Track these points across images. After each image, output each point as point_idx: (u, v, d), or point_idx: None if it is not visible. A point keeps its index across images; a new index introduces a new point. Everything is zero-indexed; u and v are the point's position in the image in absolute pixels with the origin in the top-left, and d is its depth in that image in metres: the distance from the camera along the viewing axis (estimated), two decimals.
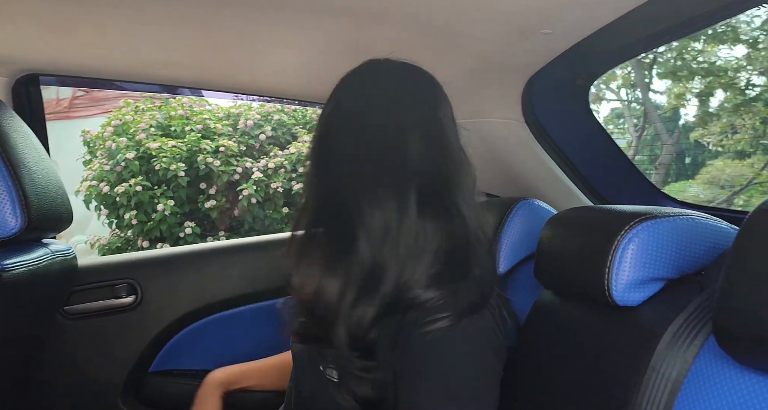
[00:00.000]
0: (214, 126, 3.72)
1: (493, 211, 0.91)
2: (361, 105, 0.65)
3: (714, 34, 4.31)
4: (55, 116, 4.91)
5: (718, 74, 4.52)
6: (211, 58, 1.00)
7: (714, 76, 4.60)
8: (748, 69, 4.51)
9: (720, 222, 0.57)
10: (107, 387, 1.13)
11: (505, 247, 0.86)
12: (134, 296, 1.16)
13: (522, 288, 0.81)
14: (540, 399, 0.63)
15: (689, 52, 4.70)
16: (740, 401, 0.39)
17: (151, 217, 3.40)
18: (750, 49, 4.35)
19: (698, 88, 4.85)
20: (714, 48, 4.55)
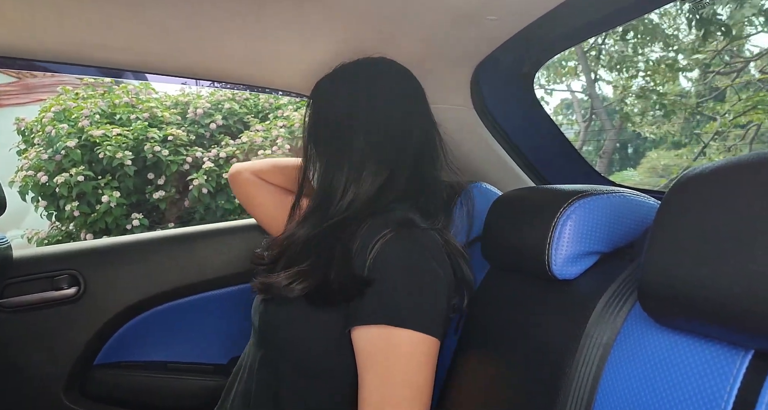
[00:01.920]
0: (161, 114, 3.59)
1: None
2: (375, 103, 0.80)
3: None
4: None
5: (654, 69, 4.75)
6: (152, 40, 0.96)
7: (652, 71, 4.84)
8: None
9: (648, 199, 0.60)
10: (49, 383, 1.09)
11: (455, 230, 0.88)
12: (76, 287, 1.11)
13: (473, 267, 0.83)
14: (488, 366, 0.66)
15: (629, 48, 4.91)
16: (661, 358, 0.43)
17: (95, 209, 3.25)
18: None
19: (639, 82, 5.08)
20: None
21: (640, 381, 0.44)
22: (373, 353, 0.62)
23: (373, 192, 0.74)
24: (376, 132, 0.77)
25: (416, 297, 0.63)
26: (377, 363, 0.61)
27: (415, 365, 0.61)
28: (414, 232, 0.68)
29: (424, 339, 0.62)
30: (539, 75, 6.08)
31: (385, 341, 0.61)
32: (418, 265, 0.65)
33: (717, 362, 0.39)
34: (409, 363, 0.61)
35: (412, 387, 0.61)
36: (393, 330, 0.61)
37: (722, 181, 0.39)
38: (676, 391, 0.40)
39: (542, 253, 0.60)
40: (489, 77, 1.07)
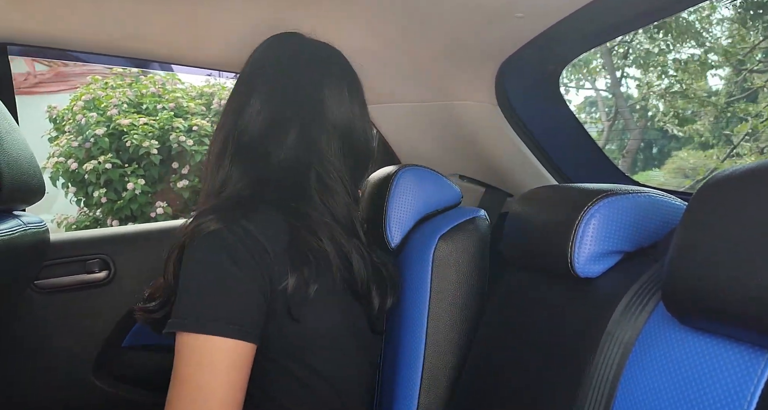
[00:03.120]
0: (186, 105, 3.65)
1: (376, 184, 0.91)
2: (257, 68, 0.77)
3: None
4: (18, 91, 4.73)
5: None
6: (180, 31, 0.99)
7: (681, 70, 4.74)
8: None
9: (674, 200, 0.60)
10: (80, 362, 1.13)
11: (395, 218, 0.87)
12: (107, 271, 1.15)
13: (417, 253, 0.84)
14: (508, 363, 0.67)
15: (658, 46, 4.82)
16: (684, 357, 0.43)
17: (121, 196, 3.33)
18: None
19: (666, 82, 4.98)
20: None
21: (661, 380, 0.44)
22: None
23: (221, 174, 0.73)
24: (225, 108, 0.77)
25: (190, 296, 0.61)
26: (172, 370, 0.61)
27: (192, 367, 0.58)
28: (227, 226, 0.63)
29: (196, 339, 0.58)
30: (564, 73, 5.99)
31: (175, 347, 0.61)
32: (224, 261, 0.61)
33: (741, 363, 0.39)
34: (188, 364, 0.59)
35: (190, 385, 0.58)
36: (176, 335, 0.60)
37: (752, 183, 0.39)
38: (698, 391, 0.41)
39: (565, 251, 0.60)
40: (514, 74, 1.07)
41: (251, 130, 0.73)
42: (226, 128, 0.74)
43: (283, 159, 0.72)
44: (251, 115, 0.73)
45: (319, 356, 0.69)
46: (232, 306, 0.60)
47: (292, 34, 0.81)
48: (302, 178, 0.72)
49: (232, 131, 0.73)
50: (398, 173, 0.87)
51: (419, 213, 0.88)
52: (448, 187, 0.93)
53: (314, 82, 0.76)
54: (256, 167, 0.72)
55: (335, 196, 0.73)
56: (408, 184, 0.87)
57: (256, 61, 0.78)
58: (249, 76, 0.77)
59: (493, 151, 1.18)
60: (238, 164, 0.72)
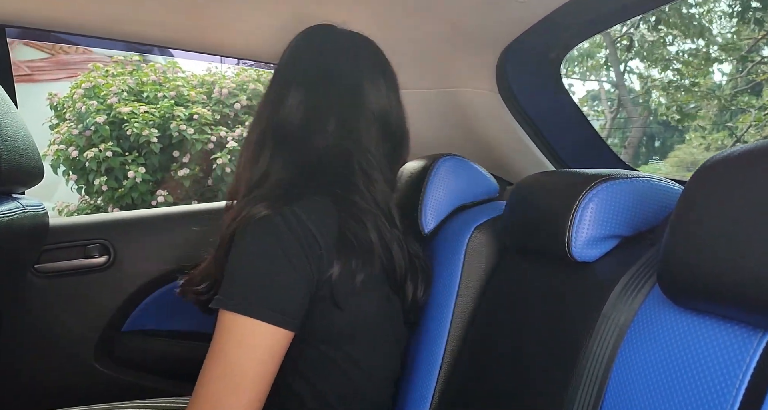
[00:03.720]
0: (187, 93, 3.63)
1: (414, 171, 0.92)
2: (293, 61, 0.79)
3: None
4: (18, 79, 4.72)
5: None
6: (181, 16, 0.98)
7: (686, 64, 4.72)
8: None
9: (672, 185, 0.60)
10: (81, 346, 1.14)
11: (431, 205, 0.87)
12: (107, 256, 1.16)
13: (450, 241, 0.84)
14: (504, 345, 0.67)
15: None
16: (677, 338, 0.44)
17: (122, 184, 3.33)
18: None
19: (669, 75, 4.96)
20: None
21: (654, 361, 0.45)
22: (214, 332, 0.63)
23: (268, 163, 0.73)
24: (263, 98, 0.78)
25: (238, 279, 0.62)
26: (211, 343, 0.62)
27: (230, 343, 0.60)
28: (278, 212, 0.63)
29: (239, 320, 0.60)
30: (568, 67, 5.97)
31: (218, 323, 0.62)
32: (273, 248, 0.62)
33: (734, 343, 0.40)
34: (224, 341, 0.60)
35: (227, 362, 0.60)
36: (220, 313, 0.62)
37: (748, 164, 0.39)
38: (691, 370, 0.41)
39: (563, 235, 0.60)
40: (515, 61, 1.07)
41: (292, 121, 0.74)
42: (265, 119, 0.75)
43: (324, 148, 0.73)
44: (291, 105, 0.74)
45: (357, 345, 0.70)
46: (277, 293, 0.62)
47: (326, 25, 0.82)
48: (346, 166, 0.73)
49: (271, 122, 0.74)
50: (438, 162, 0.88)
51: (455, 203, 0.89)
52: (487, 180, 0.94)
53: (352, 71, 0.77)
54: (298, 157, 0.73)
55: (375, 184, 0.74)
56: (447, 173, 0.88)
57: (293, 53, 0.79)
58: (287, 67, 0.78)
59: (493, 138, 1.18)
60: (280, 155, 0.73)
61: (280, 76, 0.78)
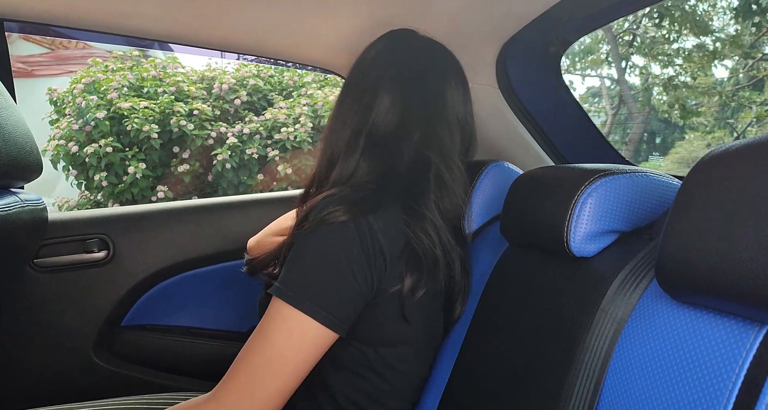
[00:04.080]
0: (187, 89, 3.63)
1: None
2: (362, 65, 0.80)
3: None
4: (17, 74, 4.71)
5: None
6: (181, 10, 0.98)
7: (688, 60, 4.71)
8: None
9: (672, 179, 0.60)
10: (80, 340, 1.14)
11: (476, 207, 0.89)
12: (106, 251, 1.16)
13: (490, 246, 0.84)
14: (502, 339, 0.67)
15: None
16: (675, 332, 0.43)
17: (122, 179, 3.33)
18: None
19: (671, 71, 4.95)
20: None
21: (652, 355, 0.45)
22: (265, 314, 0.64)
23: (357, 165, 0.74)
24: (347, 95, 0.78)
25: (305, 276, 0.63)
26: (260, 323, 0.64)
27: (279, 331, 0.62)
28: (354, 221, 0.64)
29: (295, 314, 0.62)
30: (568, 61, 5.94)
31: (271, 308, 0.64)
32: (339, 254, 0.64)
33: (731, 336, 0.39)
34: (279, 329, 0.62)
35: (273, 348, 0.61)
36: (275, 301, 0.63)
37: (746, 159, 0.39)
38: (688, 364, 0.41)
39: (561, 231, 0.60)
40: (515, 56, 1.07)
41: (384, 126, 0.74)
42: (356, 123, 0.75)
43: (408, 156, 0.74)
44: (381, 111, 0.74)
45: (398, 351, 0.71)
46: (333, 297, 0.63)
47: (408, 30, 0.82)
48: (422, 177, 0.74)
49: (364, 124, 0.75)
50: (488, 166, 0.89)
51: (496, 210, 0.89)
52: None
53: (438, 79, 0.78)
54: (384, 162, 0.74)
55: (451, 196, 0.75)
56: (494, 179, 0.89)
57: (379, 58, 0.79)
58: (374, 70, 0.78)
59: (493, 133, 1.18)
60: (369, 158, 0.74)
61: (366, 80, 0.77)
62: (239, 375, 0.62)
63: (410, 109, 0.75)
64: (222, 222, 1.27)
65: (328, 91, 3.89)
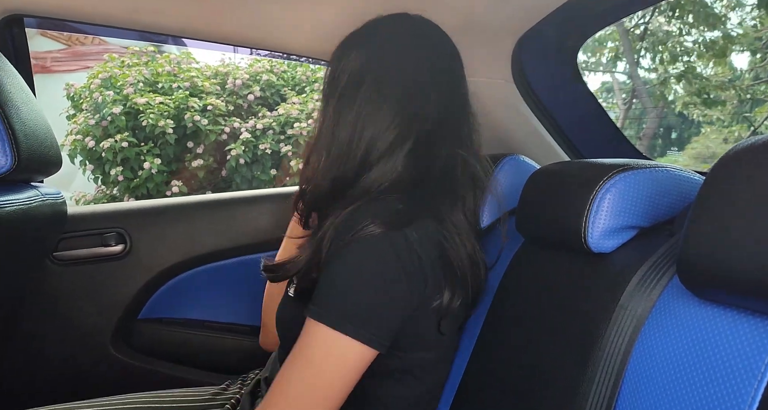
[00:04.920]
0: (201, 84, 3.65)
1: None
2: (389, 57, 0.72)
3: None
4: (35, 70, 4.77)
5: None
6: (198, 5, 0.98)
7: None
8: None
9: (693, 174, 0.59)
10: (98, 333, 1.16)
11: (490, 202, 0.88)
12: (123, 245, 1.17)
13: (500, 243, 0.83)
14: (519, 336, 0.67)
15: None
16: (697, 330, 0.43)
17: (137, 174, 3.37)
18: None
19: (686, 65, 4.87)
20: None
21: (673, 353, 0.44)
22: (300, 337, 0.63)
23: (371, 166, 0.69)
24: (386, 93, 0.70)
25: (347, 298, 0.61)
26: (298, 344, 0.62)
27: (323, 357, 0.60)
28: (389, 235, 0.62)
29: (338, 338, 0.60)
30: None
31: (305, 330, 0.62)
32: (377, 272, 0.62)
33: (755, 335, 0.39)
34: (317, 353, 0.61)
35: (312, 373, 0.60)
36: (313, 323, 0.61)
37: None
38: (710, 363, 0.41)
39: (579, 226, 0.59)
40: (531, 50, 1.06)
41: (428, 125, 0.70)
42: (401, 122, 0.69)
43: (445, 156, 0.71)
44: (426, 108, 0.70)
45: (434, 355, 0.71)
46: (373, 316, 0.61)
47: (415, 17, 0.77)
48: (459, 178, 0.71)
49: (410, 125, 0.70)
50: (503, 160, 0.88)
51: (512, 204, 0.87)
52: None
53: (460, 69, 0.75)
54: (422, 165, 0.70)
55: (481, 196, 0.75)
56: (509, 173, 0.88)
57: (408, 50, 0.73)
58: (408, 64, 0.72)
59: (507, 128, 1.17)
60: (410, 160, 0.69)
61: (405, 73, 0.71)
62: (281, 404, 0.60)
63: (447, 106, 0.71)
64: (237, 216, 1.28)
65: None
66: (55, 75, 4.76)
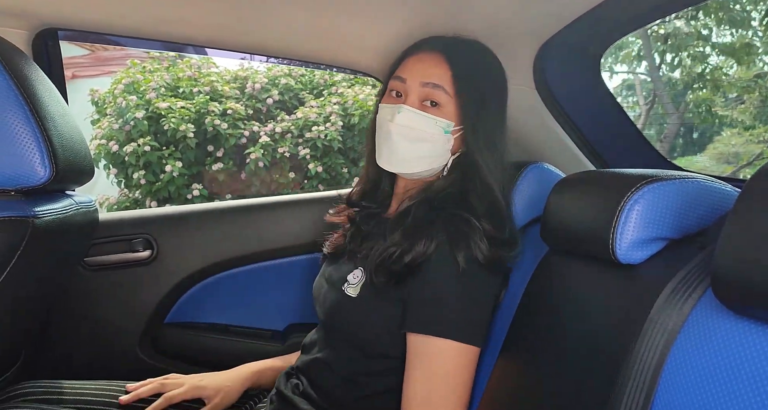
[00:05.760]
0: (221, 88, 3.70)
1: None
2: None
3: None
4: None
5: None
6: (223, 15, 1.00)
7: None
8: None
9: (725, 186, 0.59)
10: (125, 335, 1.18)
11: (515, 209, 0.88)
12: (150, 251, 1.20)
13: (527, 249, 0.84)
14: (544, 346, 0.67)
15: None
16: (732, 346, 0.43)
17: (159, 178, 3.43)
18: None
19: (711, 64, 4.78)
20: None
21: (707, 369, 0.44)
22: (420, 354, 0.70)
23: (500, 179, 0.78)
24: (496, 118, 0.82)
25: (467, 310, 0.70)
26: (423, 364, 0.69)
27: (457, 369, 0.69)
28: (477, 238, 0.71)
29: (466, 348, 0.70)
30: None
31: (432, 347, 0.69)
32: (476, 277, 0.71)
33: None
34: (451, 367, 0.69)
35: (452, 386, 0.69)
36: (441, 340, 0.69)
37: None
38: (746, 380, 0.40)
39: (606, 237, 0.59)
40: (554, 57, 1.05)
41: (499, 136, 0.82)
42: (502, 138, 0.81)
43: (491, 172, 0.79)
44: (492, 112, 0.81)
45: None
46: (484, 322, 0.73)
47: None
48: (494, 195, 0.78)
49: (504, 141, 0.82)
50: (527, 168, 0.90)
51: (536, 212, 0.89)
52: None
53: None
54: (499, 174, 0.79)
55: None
56: (533, 181, 0.90)
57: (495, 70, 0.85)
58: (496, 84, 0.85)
59: (530, 135, 1.17)
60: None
61: (500, 90, 0.85)
62: None
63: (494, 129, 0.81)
64: (259, 222, 1.30)
65: (357, 89, 3.90)
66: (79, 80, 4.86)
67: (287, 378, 0.87)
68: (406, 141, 0.77)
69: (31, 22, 0.96)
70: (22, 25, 0.96)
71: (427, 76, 0.78)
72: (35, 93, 0.71)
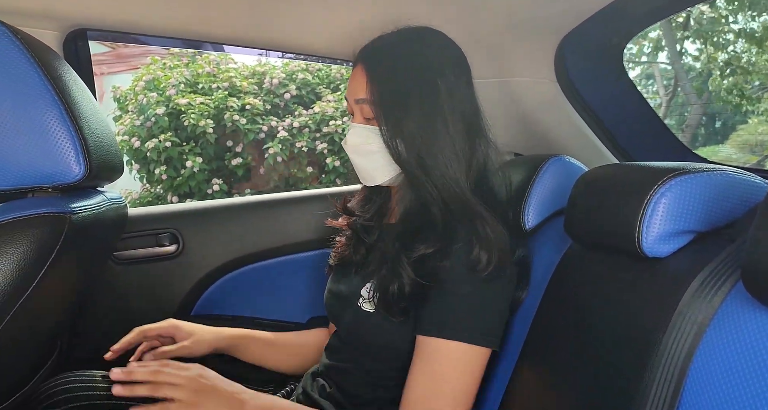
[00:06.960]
0: (240, 84, 3.73)
1: (523, 168, 0.92)
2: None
3: None
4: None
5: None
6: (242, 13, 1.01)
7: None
8: None
9: (754, 178, 0.58)
10: None
11: (535, 203, 0.88)
12: (176, 245, 1.22)
13: (550, 243, 0.84)
14: (570, 341, 0.67)
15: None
16: (763, 337, 0.42)
17: (180, 173, 3.48)
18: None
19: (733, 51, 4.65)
20: None
21: (738, 363, 0.44)
22: (425, 355, 0.70)
23: (459, 175, 0.73)
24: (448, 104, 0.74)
25: (480, 312, 0.70)
26: (427, 365, 0.69)
27: (463, 371, 0.69)
28: (490, 237, 0.70)
29: (473, 350, 0.69)
30: None
31: (439, 349, 0.69)
32: (482, 279, 0.69)
33: None
34: (457, 369, 0.68)
35: (455, 389, 0.68)
36: (447, 342, 0.68)
37: None
38: None
39: (632, 231, 0.59)
40: (575, 49, 1.04)
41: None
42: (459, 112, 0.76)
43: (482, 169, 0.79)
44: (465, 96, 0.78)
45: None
46: (498, 322, 0.72)
47: (435, 31, 0.80)
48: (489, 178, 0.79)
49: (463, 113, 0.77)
50: (549, 160, 0.90)
51: (558, 205, 0.89)
52: None
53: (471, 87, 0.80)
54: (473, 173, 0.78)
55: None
56: (555, 174, 0.89)
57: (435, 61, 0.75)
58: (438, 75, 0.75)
59: (551, 128, 1.16)
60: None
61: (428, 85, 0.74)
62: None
63: (467, 124, 0.79)
64: (283, 217, 1.32)
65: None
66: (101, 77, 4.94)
67: (313, 379, 0.89)
68: (360, 156, 0.78)
69: (63, 24, 0.99)
70: (54, 26, 0.98)
71: (355, 92, 0.77)
72: (69, 92, 0.73)
